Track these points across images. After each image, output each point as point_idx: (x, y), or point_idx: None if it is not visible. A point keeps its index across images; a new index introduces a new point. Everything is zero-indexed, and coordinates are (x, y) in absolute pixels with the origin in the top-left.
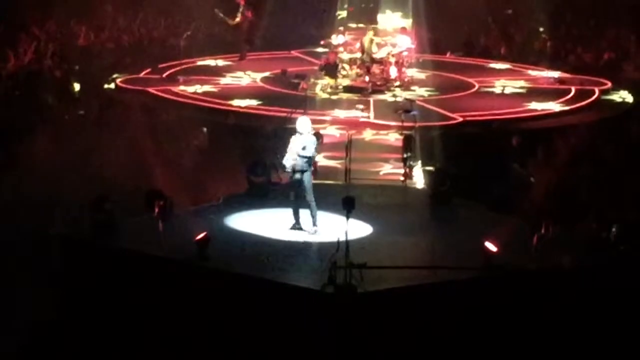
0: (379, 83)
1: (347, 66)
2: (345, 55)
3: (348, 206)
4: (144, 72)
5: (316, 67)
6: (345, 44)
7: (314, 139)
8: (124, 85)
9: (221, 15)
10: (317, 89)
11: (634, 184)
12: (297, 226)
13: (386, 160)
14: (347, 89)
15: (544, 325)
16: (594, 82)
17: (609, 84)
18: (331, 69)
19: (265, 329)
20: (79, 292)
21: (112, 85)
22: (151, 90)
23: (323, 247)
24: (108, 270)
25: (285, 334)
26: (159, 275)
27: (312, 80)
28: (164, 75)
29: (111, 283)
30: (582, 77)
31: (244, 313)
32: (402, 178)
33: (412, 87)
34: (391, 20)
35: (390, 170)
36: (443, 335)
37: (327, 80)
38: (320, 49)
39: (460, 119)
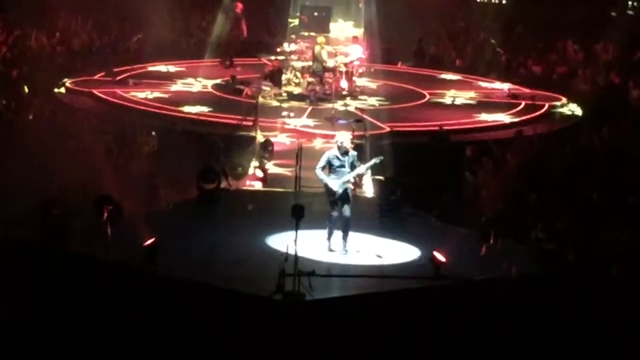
0: (328, 92)
1: (299, 74)
2: (297, 64)
3: (297, 214)
4: (97, 75)
5: (260, 75)
6: (298, 52)
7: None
8: (74, 87)
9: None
10: (260, 96)
11: (581, 195)
12: (331, 248)
13: None
14: (291, 97)
15: (490, 335)
16: (545, 96)
17: (560, 99)
18: (276, 76)
19: (214, 335)
20: (26, 296)
21: (63, 90)
22: (100, 93)
23: (272, 255)
24: (55, 275)
25: (233, 341)
26: (106, 280)
27: (255, 87)
28: (116, 78)
29: (58, 288)
30: (533, 92)
31: (191, 319)
32: (351, 187)
33: (362, 97)
34: (343, 29)
35: None
36: (390, 344)
37: (269, 87)
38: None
39: (388, 129)
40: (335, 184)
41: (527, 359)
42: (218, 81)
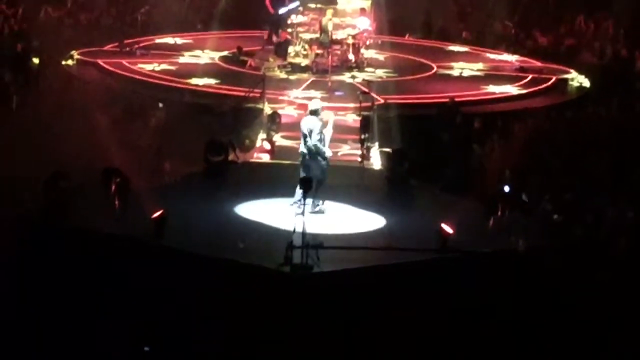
0: (334, 64)
1: (307, 46)
2: (305, 36)
3: (305, 186)
4: (109, 46)
5: (268, 46)
6: (306, 24)
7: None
8: (82, 58)
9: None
10: (262, 68)
11: (589, 167)
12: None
13: (344, 141)
14: (295, 68)
15: (497, 308)
16: (553, 69)
17: (569, 71)
18: (281, 49)
19: (222, 307)
20: (34, 271)
21: (70, 62)
22: (107, 66)
23: (281, 227)
24: (62, 249)
25: (241, 313)
26: (114, 253)
27: (259, 58)
28: (125, 49)
29: (66, 262)
30: (542, 65)
31: (199, 292)
32: (359, 159)
33: (369, 69)
34: (351, 1)
35: (347, 151)
36: (398, 317)
37: (272, 59)
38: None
39: (382, 101)
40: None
41: (534, 332)
42: (225, 53)
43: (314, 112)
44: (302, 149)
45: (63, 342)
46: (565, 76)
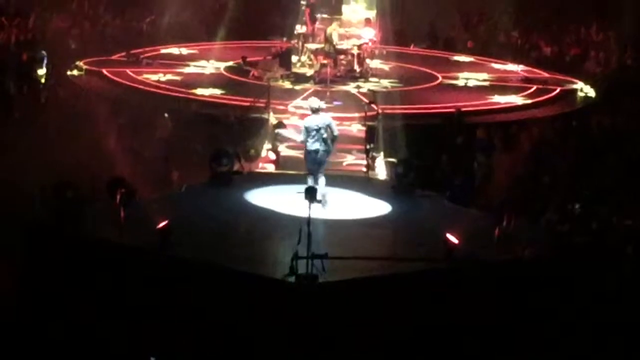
0: (338, 74)
1: (312, 56)
2: (311, 46)
3: (310, 196)
4: (114, 56)
5: (269, 57)
6: (310, 34)
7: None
8: (89, 68)
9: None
10: (265, 78)
11: (594, 176)
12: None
13: (349, 151)
14: (298, 79)
15: (504, 317)
16: (559, 79)
17: (574, 81)
18: (285, 58)
19: (226, 317)
20: (39, 280)
21: (76, 72)
22: (113, 76)
23: (286, 237)
24: (68, 258)
25: (246, 323)
26: (119, 263)
27: (262, 68)
28: (130, 59)
29: (71, 271)
30: (550, 75)
31: (204, 302)
32: (364, 169)
33: (374, 79)
34: (356, 11)
35: (352, 161)
36: (403, 326)
37: (275, 69)
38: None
39: (380, 111)
40: None
41: (539, 341)
42: (230, 63)
43: (316, 110)
44: (318, 146)
45: (67, 353)
46: (571, 86)
